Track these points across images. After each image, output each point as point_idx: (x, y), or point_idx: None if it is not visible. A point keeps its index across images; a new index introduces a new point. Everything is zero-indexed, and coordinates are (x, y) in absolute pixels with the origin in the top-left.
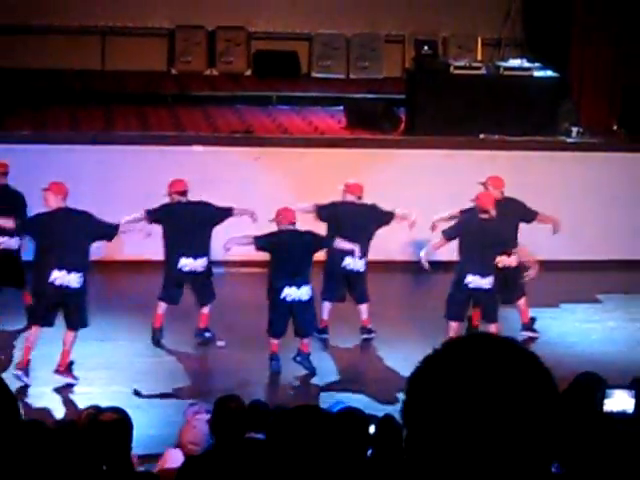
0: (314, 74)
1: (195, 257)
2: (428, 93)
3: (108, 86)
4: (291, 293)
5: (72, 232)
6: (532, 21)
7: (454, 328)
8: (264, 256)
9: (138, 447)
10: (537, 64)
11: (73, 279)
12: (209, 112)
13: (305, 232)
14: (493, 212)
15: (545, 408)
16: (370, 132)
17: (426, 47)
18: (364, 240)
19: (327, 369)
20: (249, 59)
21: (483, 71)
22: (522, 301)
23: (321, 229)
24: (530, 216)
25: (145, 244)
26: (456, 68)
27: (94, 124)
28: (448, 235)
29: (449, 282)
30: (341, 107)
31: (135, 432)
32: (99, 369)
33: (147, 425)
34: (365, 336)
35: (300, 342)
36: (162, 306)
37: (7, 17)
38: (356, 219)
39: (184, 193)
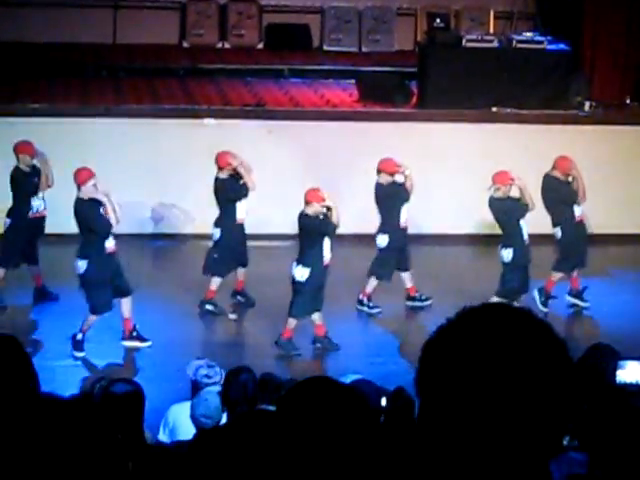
0: (326, 47)
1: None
2: (440, 66)
3: (119, 59)
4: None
5: None
6: None
7: None
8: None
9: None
10: (549, 37)
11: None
12: (221, 85)
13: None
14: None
15: (559, 378)
16: (382, 105)
17: (438, 20)
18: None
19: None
20: (261, 32)
21: (495, 44)
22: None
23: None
24: None
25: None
26: (468, 41)
27: (105, 97)
28: None
29: None
30: (353, 80)
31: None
32: (112, 341)
33: (157, 398)
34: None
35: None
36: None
37: None
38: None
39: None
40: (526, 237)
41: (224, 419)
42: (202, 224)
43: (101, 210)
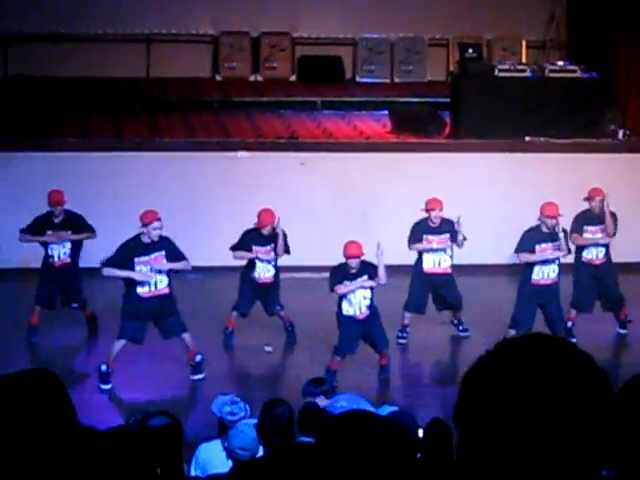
0: (359, 79)
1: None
2: (473, 96)
3: (153, 93)
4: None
5: None
6: (576, 23)
7: None
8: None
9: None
10: (582, 66)
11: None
12: (254, 118)
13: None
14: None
15: (600, 410)
16: (415, 136)
17: (470, 50)
18: None
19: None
20: (293, 64)
21: (528, 73)
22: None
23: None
24: None
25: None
26: (501, 71)
27: (139, 131)
28: None
29: None
30: (386, 111)
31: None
32: (144, 375)
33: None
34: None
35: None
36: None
37: (53, 25)
38: None
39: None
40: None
41: (260, 452)
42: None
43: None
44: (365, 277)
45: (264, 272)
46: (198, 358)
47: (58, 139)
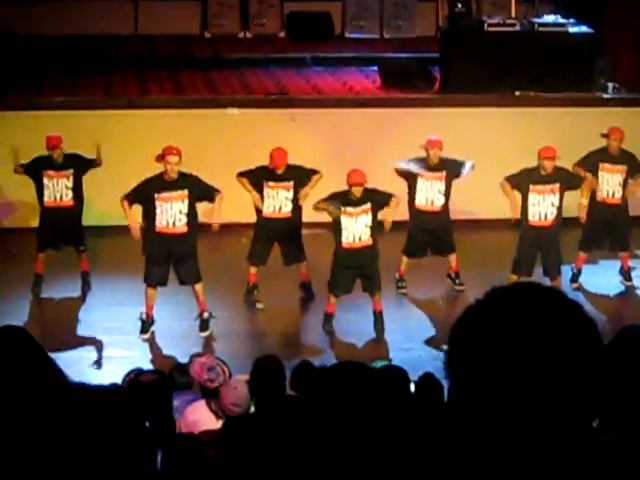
0: (348, 34)
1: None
2: (462, 51)
3: (141, 50)
4: None
5: None
6: None
7: None
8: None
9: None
10: (572, 20)
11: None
12: (243, 74)
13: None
14: None
15: (590, 359)
16: (405, 91)
17: (459, 5)
18: None
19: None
20: (282, 21)
21: (517, 28)
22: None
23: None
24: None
25: None
26: (490, 25)
27: (128, 89)
28: None
29: None
30: (375, 67)
31: None
32: (136, 333)
33: None
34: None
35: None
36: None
37: None
38: None
39: None
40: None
41: (252, 408)
42: (227, 213)
43: None
44: (369, 204)
45: (278, 205)
46: (205, 315)
47: (45, 98)
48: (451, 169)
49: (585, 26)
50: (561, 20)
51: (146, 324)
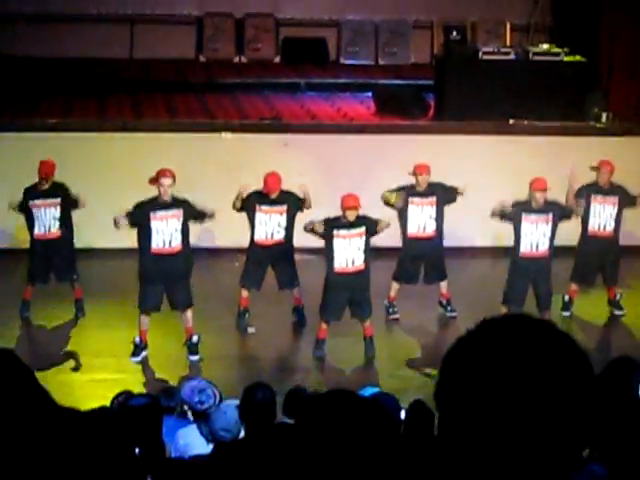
0: (343, 60)
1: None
2: (457, 78)
3: (136, 74)
4: None
5: None
6: (561, 6)
7: None
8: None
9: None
10: (566, 49)
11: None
12: (238, 99)
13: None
14: None
15: (581, 391)
16: (399, 118)
17: (454, 33)
18: None
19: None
20: (277, 46)
21: (512, 56)
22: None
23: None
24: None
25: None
26: (485, 53)
27: (123, 112)
28: None
29: None
30: (370, 93)
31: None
32: (126, 356)
33: None
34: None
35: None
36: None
37: (37, 6)
38: None
39: None
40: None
41: (242, 433)
42: (220, 237)
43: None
44: (363, 228)
45: (271, 230)
46: (195, 339)
47: (40, 119)
48: (441, 194)
49: (579, 55)
50: (555, 49)
51: (138, 348)
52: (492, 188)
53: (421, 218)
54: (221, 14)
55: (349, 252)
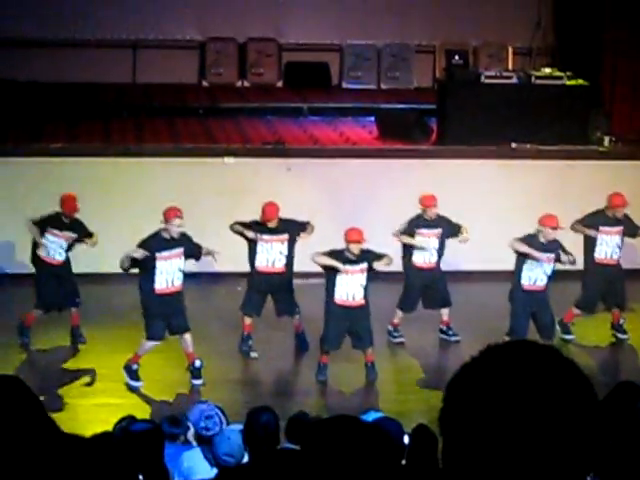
0: (345, 85)
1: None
2: (459, 103)
3: (139, 99)
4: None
5: None
6: (563, 30)
7: None
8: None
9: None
10: (568, 73)
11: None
12: (240, 124)
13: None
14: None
15: (585, 417)
16: (402, 142)
17: (457, 57)
18: None
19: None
20: (280, 70)
21: (514, 80)
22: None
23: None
24: None
25: None
26: (487, 77)
27: (126, 137)
28: None
29: None
30: (372, 118)
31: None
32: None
33: None
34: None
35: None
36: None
37: (39, 31)
38: None
39: None
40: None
41: (246, 458)
42: (221, 263)
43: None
44: (365, 264)
45: (272, 259)
46: (197, 364)
47: (44, 145)
48: (447, 228)
49: (582, 79)
50: (558, 73)
51: (137, 373)
52: (494, 212)
53: (427, 250)
54: (223, 39)
55: (350, 287)
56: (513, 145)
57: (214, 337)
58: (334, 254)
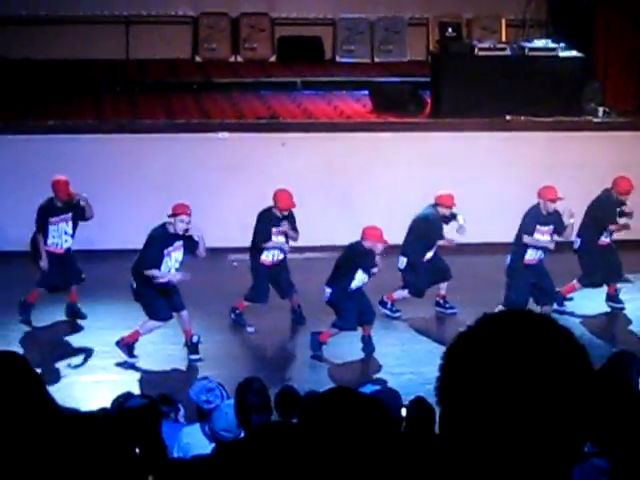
0: (338, 59)
1: None
2: (453, 75)
3: (133, 75)
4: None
5: None
6: (555, 1)
7: None
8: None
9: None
10: (562, 44)
11: None
12: (234, 99)
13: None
14: None
15: (580, 385)
16: (396, 115)
17: (450, 29)
18: None
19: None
20: (273, 45)
21: (508, 52)
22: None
23: None
24: None
25: None
26: (480, 50)
27: (119, 113)
28: None
29: None
30: (366, 91)
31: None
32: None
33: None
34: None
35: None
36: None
37: (32, 8)
38: None
39: None
40: None
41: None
42: (216, 238)
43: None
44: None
45: (277, 253)
46: (195, 339)
47: (37, 122)
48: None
49: (575, 50)
50: (551, 45)
51: (134, 347)
52: (489, 184)
53: None
54: (216, 14)
55: (364, 281)
56: (507, 117)
57: (210, 313)
58: (366, 256)
